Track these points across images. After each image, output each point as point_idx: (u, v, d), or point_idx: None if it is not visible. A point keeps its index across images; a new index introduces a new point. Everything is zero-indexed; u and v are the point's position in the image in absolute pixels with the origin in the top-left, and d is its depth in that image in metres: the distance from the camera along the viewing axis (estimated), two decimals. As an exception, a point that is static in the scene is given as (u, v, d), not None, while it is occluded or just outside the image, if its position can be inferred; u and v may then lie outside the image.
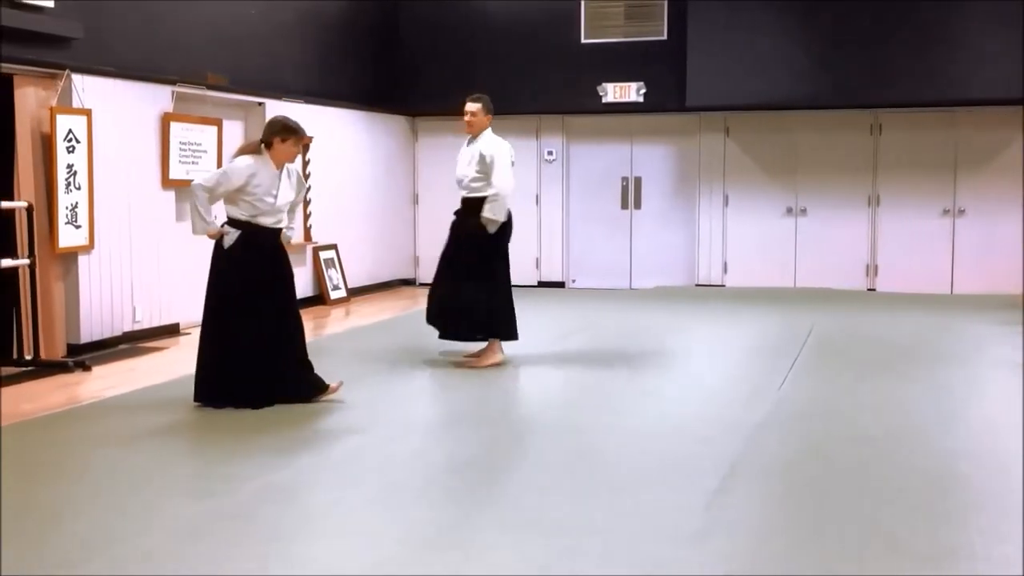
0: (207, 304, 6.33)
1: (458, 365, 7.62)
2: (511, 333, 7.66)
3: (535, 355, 7.98)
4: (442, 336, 7.73)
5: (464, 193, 7.55)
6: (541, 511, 4.32)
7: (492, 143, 7.50)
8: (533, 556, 3.82)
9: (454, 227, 7.71)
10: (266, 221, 6.25)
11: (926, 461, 5.09)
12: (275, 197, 6.24)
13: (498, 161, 7.39)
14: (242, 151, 6.36)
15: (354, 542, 4.00)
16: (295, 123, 6.33)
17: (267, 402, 6.21)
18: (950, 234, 12.28)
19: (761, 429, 5.72)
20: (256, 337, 6.19)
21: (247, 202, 6.18)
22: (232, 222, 6.24)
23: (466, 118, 7.58)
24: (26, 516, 4.29)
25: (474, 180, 7.45)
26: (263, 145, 6.27)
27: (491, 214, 7.37)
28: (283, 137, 6.23)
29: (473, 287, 7.47)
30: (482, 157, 7.41)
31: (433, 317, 7.71)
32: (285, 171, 6.34)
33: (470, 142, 7.60)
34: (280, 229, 6.38)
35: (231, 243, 6.19)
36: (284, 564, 3.74)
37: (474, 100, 7.62)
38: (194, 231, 6.31)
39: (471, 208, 7.48)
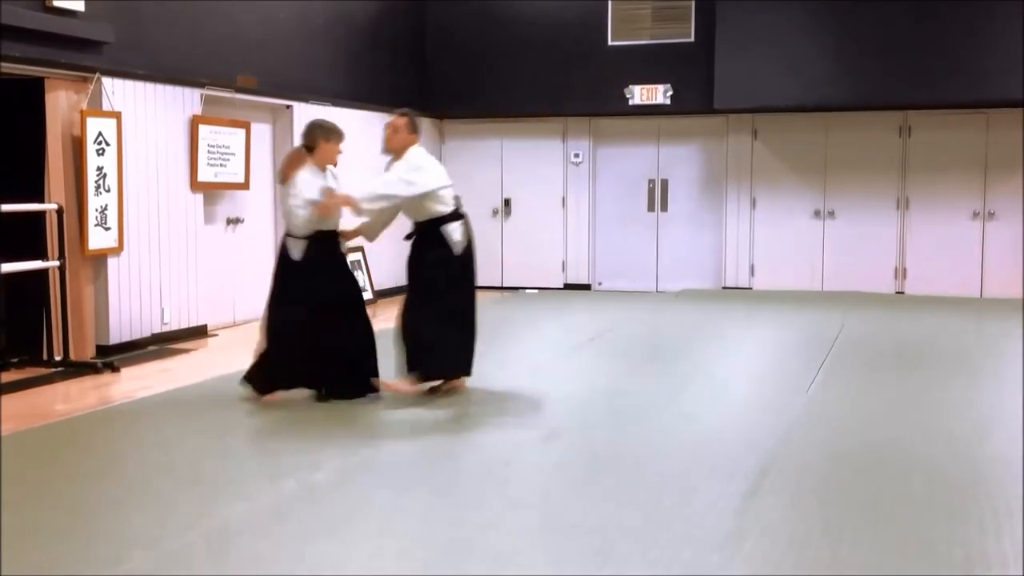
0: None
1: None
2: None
3: (562, 358, 7.97)
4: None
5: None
6: (574, 514, 4.31)
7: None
8: (566, 559, 3.81)
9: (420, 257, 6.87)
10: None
11: (959, 466, 5.03)
12: None
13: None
14: (295, 162, 6.42)
15: (387, 543, 4.00)
16: (334, 124, 6.50)
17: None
18: (980, 237, 12.16)
19: (790, 432, 5.69)
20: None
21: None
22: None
23: (387, 132, 6.60)
24: (63, 514, 4.32)
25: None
26: (306, 149, 6.41)
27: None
28: (326, 138, 6.37)
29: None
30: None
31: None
32: (329, 172, 6.50)
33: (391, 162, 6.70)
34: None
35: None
36: (318, 565, 3.75)
37: (402, 115, 6.60)
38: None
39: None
